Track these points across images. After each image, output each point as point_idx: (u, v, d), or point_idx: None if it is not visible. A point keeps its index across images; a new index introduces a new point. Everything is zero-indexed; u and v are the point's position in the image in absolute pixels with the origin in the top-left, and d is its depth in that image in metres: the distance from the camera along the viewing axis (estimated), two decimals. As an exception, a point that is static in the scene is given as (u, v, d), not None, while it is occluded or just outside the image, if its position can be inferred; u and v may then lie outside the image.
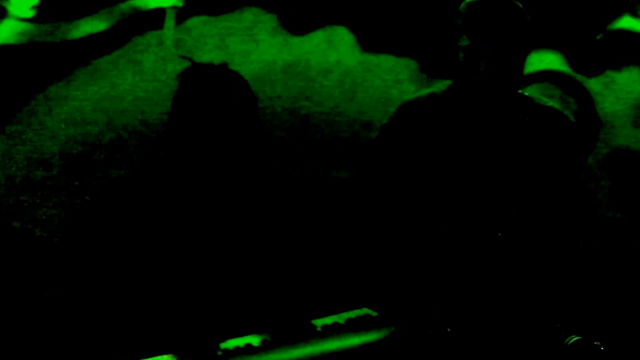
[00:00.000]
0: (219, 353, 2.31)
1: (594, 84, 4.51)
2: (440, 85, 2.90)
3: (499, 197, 2.76)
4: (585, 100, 4.48)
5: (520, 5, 2.71)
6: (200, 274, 2.63)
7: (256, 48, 4.34)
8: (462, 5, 2.72)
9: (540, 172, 2.78)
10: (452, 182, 2.77)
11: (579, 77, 4.51)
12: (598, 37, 4.50)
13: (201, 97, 2.59)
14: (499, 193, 2.76)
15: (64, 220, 2.63)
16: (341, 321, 2.52)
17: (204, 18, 4.31)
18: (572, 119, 2.92)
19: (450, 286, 2.73)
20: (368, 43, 4.41)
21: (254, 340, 2.38)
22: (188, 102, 2.61)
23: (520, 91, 2.83)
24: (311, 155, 4.41)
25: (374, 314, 2.56)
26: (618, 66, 4.54)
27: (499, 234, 2.75)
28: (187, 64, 2.68)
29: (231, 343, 2.37)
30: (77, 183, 4.10)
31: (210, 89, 2.60)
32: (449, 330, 2.39)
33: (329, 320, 2.51)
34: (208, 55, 4.30)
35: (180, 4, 4.20)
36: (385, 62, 4.44)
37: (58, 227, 3.97)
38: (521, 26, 2.67)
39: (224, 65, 2.67)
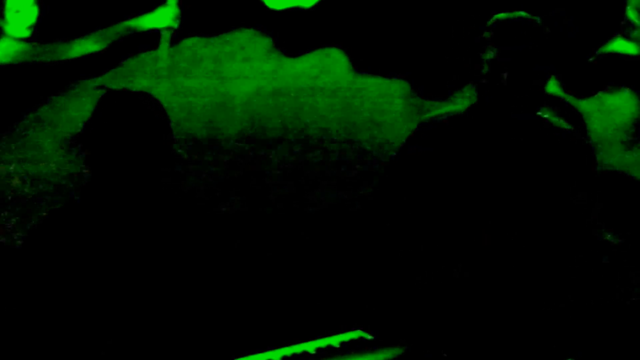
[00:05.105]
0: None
1: (585, 106, 4.52)
2: (460, 105, 2.96)
3: (509, 216, 2.79)
4: (577, 122, 4.49)
5: (547, 29, 2.79)
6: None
7: (250, 69, 4.35)
8: (491, 20, 2.80)
9: (552, 192, 2.81)
10: (464, 203, 2.80)
11: (571, 99, 4.53)
12: (590, 60, 4.52)
13: (116, 126, 2.49)
14: (508, 213, 2.79)
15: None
16: (335, 344, 2.51)
17: (198, 39, 4.31)
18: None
19: (448, 311, 2.73)
20: (361, 65, 4.42)
21: None
22: (102, 131, 2.52)
23: (538, 113, 2.88)
24: (301, 176, 4.41)
25: (369, 337, 2.55)
26: (610, 88, 4.56)
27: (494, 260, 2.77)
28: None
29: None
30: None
31: (126, 118, 2.49)
32: (445, 355, 2.39)
33: (322, 343, 2.51)
34: (202, 76, 4.31)
35: (175, 25, 4.19)
36: (378, 84, 4.45)
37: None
38: (544, 46, 2.76)
39: (142, 94, 2.57)
